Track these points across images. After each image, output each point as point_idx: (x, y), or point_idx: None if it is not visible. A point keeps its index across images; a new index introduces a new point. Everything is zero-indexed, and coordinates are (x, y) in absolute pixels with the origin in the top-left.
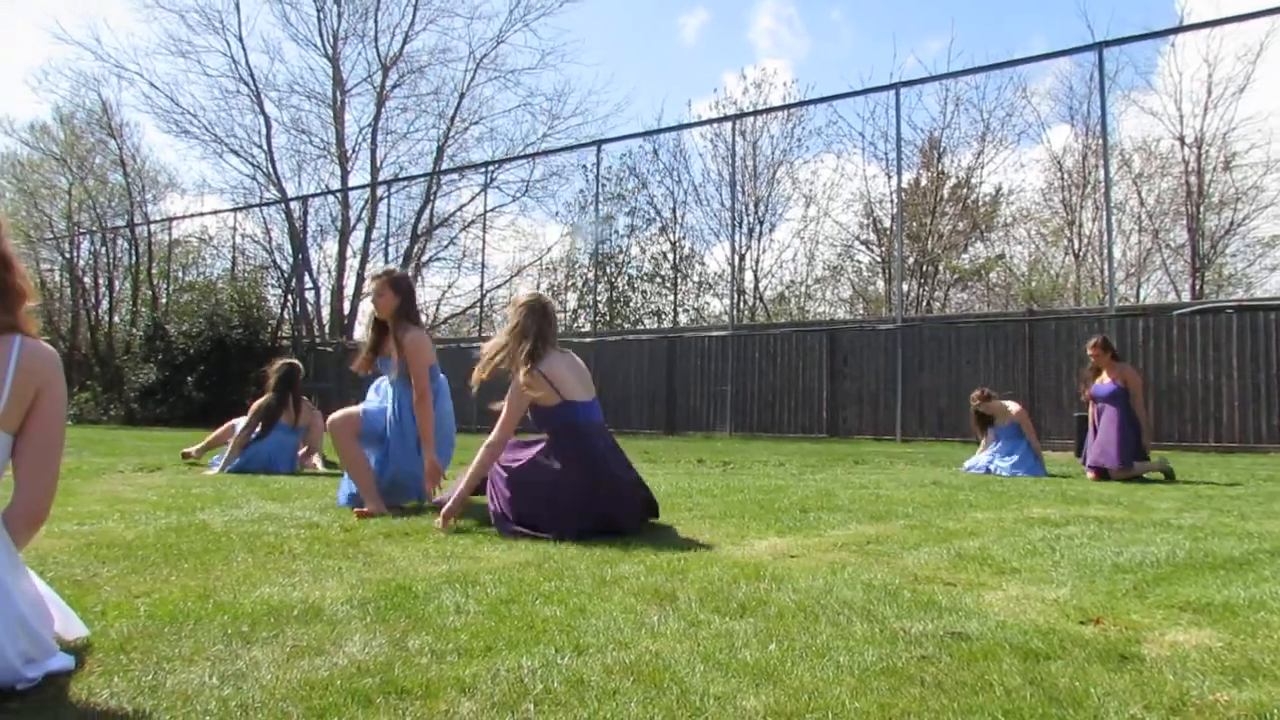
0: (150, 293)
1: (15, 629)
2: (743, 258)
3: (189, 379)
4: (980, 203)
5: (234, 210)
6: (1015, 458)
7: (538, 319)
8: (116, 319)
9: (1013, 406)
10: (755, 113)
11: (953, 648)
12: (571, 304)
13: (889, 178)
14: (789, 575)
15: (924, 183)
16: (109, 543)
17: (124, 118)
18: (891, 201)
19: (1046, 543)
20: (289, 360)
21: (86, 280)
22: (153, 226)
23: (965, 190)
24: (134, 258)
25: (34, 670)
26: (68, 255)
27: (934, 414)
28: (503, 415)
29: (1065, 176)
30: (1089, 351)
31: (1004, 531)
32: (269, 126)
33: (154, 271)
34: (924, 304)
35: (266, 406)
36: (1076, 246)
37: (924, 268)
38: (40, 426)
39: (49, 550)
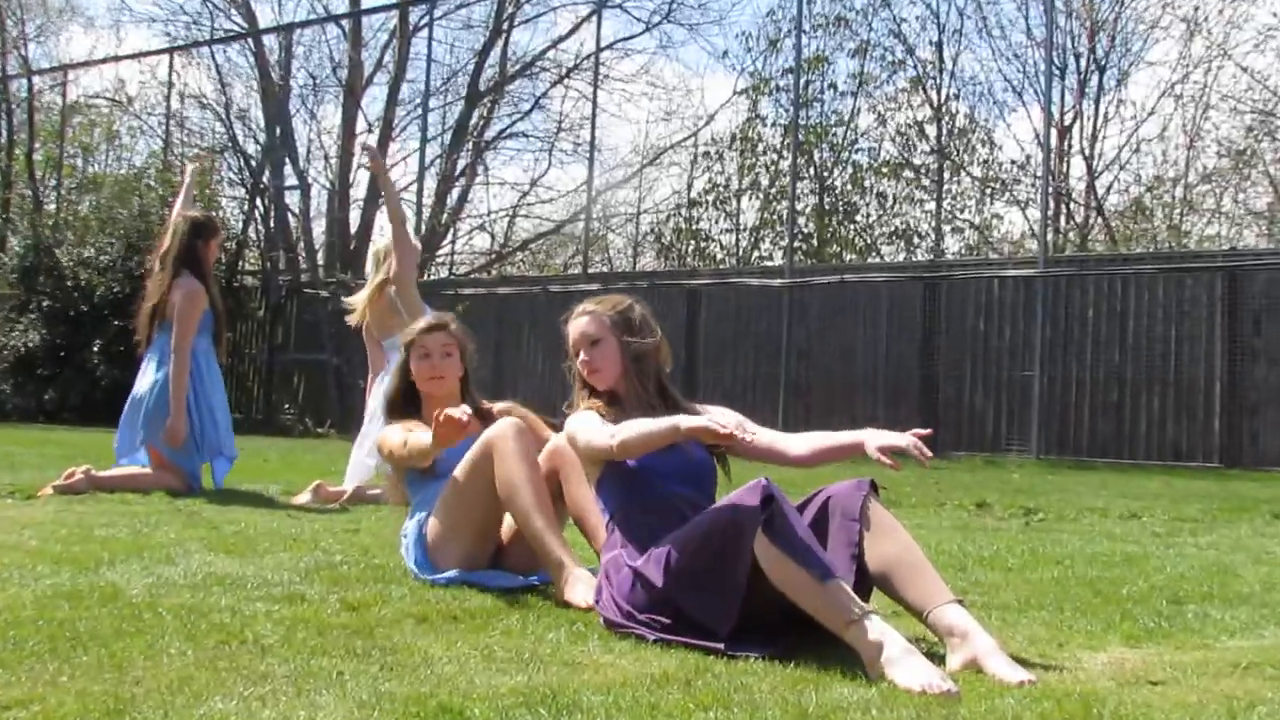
0: (31, 194)
1: None
2: (1066, 133)
3: (93, 344)
4: None
5: (169, 51)
6: None
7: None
8: None
9: None
10: None
11: None
12: (748, 219)
13: None
14: (1147, 717)
15: None
16: None
17: None
18: None
19: None
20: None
21: None
22: (36, 81)
23: None
24: (2, 133)
25: None
26: None
27: None
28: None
29: None
30: None
31: None
32: None
33: (35, 158)
34: None
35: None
36: None
37: None
38: None
39: None
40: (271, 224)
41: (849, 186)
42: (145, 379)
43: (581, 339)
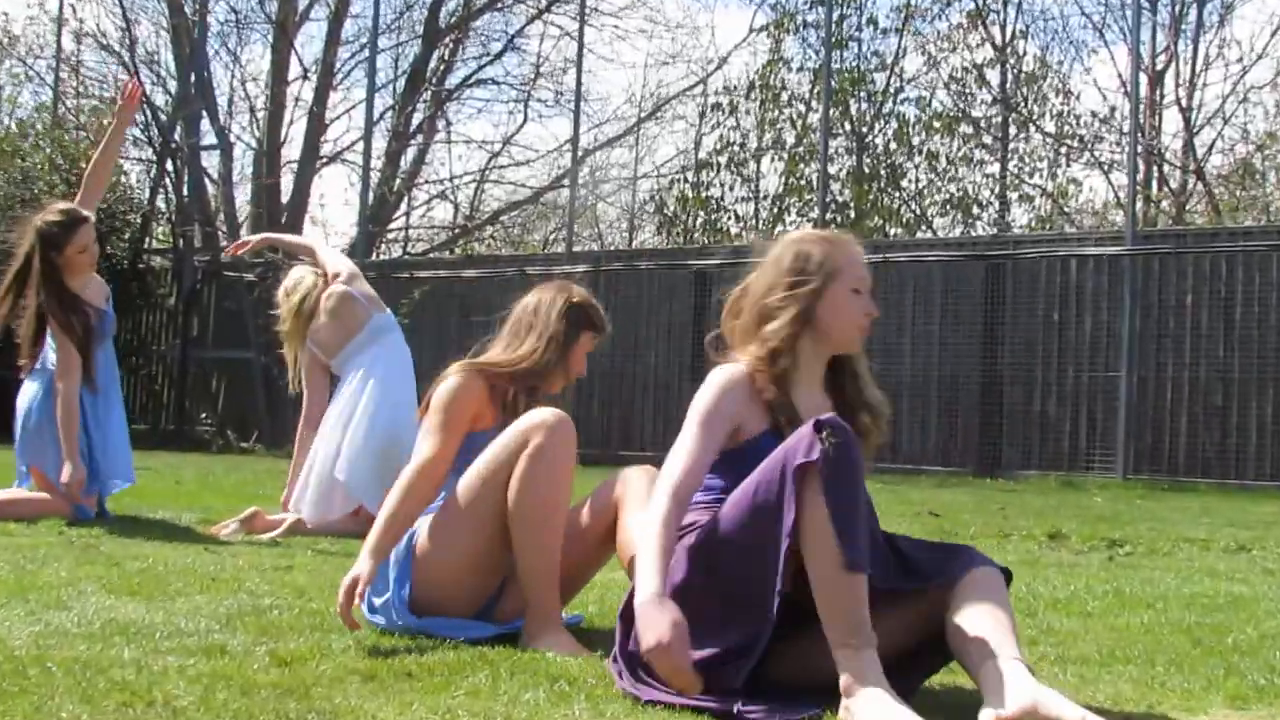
0: None
1: None
2: (1158, 80)
3: None
4: None
5: None
6: None
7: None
8: None
9: None
10: None
11: None
12: (770, 185)
13: None
14: None
15: None
16: None
17: None
18: None
19: None
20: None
21: None
22: None
23: None
24: None
25: None
26: None
27: None
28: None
29: None
30: None
31: None
32: None
33: None
34: None
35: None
36: None
37: None
38: None
39: None
40: (185, 192)
41: (893, 145)
42: (24, 396)
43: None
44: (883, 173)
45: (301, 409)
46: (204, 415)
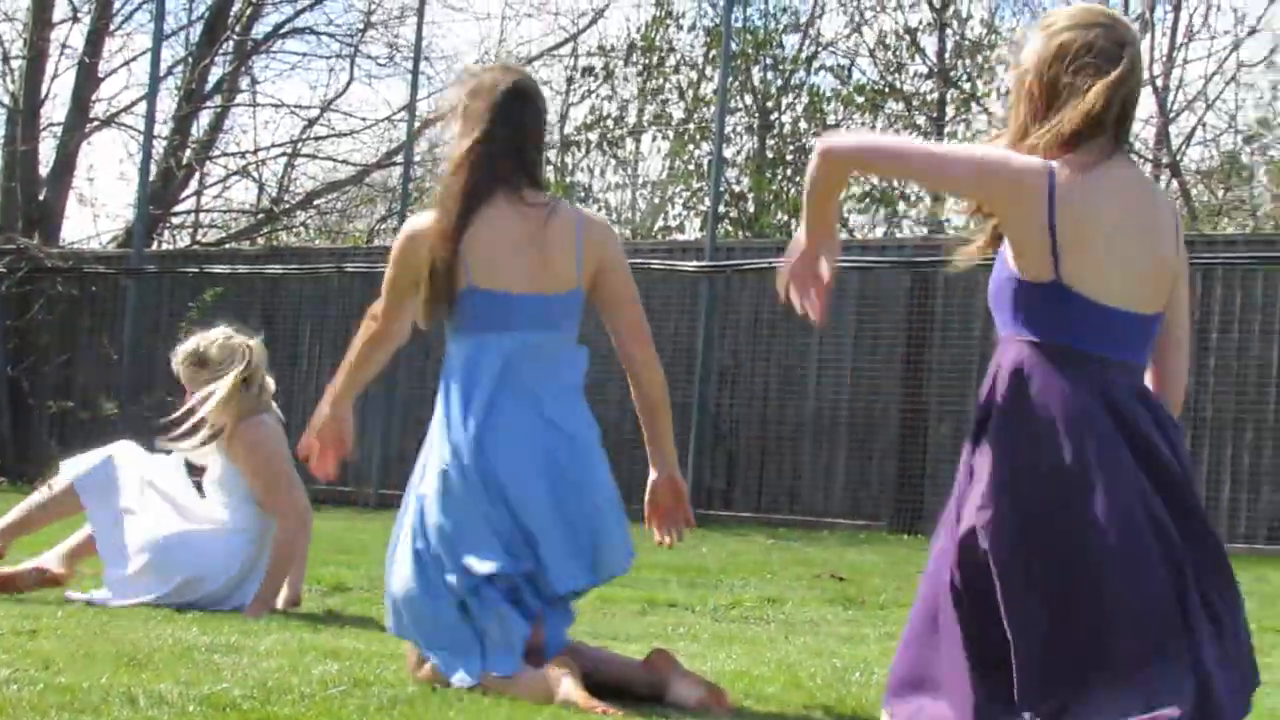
0: None
1: None
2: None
3: None
4: None
5: None
6: None
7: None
8: None
9: None
10: None
11: None
12: (651, 168)
13: None
14: None
15: None
16: None
17: None
18: None
19: None
20: None
21: None
22: None
23: None
24: None
25: None
26: None
27: None
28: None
29: None
30: None
31: None
32: None
33: None
34: None
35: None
36: None
37: None
38: None
39: None
40: None
41: (803, 124)
42: None
43: None
44: (790, 158)
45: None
46: None
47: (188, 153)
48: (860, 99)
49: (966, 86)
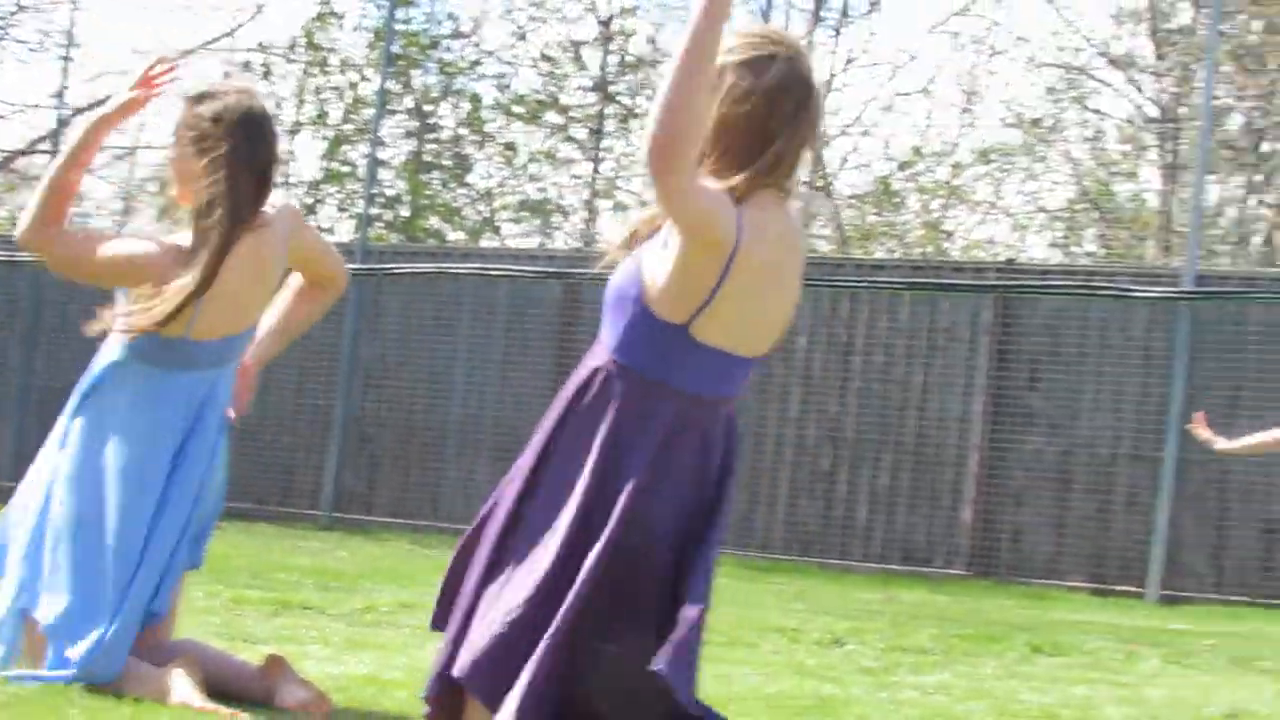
0: None
1: None
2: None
3: None
4: None
5: None
6: None
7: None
8: None
9: None
10: None
11: None
12: (305, 169)
13: None
14: None
15: None
16: None
17: None
18: None
19: None
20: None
21: None
22: None
23: None
24: None
25: None
26: None
27: None
28: None
29: None
30: None
31: None
32: None
33: None
34: None
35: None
36: None
37: None
38: None
39: None
40: None
41: (462, 131)
42: None
43: None
44: (447, 163)
45: None
46: None
47: None
48: (519, 109)
49: (627, 102)
